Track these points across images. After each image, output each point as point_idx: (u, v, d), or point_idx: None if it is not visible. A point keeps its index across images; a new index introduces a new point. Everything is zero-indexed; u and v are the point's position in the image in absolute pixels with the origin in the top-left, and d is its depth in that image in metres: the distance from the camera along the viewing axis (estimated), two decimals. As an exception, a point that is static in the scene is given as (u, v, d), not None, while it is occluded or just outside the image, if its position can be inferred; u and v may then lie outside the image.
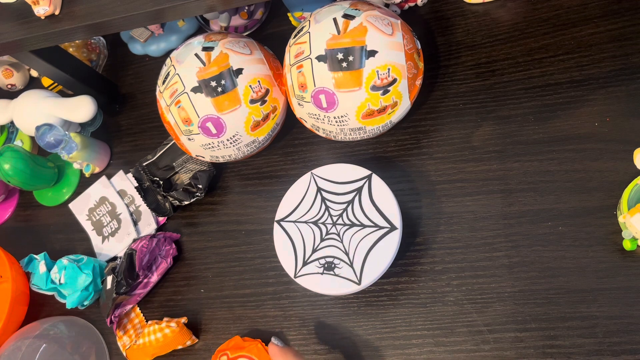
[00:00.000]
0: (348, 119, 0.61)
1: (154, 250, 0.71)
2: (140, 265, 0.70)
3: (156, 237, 0.72)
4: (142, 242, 0.70)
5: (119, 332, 0.70)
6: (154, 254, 0.71)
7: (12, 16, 0.65)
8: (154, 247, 0.71)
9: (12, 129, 0.92)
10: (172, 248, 0.72)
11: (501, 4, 0.70)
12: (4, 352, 0.70)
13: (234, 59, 0.64)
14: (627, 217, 0.54)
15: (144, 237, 0.71)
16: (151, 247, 0.70)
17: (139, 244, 0.70)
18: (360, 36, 0.58)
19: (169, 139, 0.78)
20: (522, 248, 0.59)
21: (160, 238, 0.72)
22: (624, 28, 0.64)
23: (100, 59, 0.91)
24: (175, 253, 0.73)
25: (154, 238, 0.71)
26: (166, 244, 0.72)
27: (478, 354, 0.57)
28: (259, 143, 0.68)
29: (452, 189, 0.64)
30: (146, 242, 0.70)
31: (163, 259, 0.71)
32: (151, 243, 0.71)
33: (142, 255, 0.70)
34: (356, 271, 0.58)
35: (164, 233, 0.73)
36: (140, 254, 0.70)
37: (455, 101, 0.68)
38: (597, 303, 0.55)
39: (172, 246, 0.72)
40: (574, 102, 0.63)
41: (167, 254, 0.72)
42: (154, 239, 0.71)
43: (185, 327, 0.67)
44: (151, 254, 0.71)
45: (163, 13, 0.59)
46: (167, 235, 0.73)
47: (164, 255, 0.72)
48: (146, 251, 0.70)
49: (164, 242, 0.72)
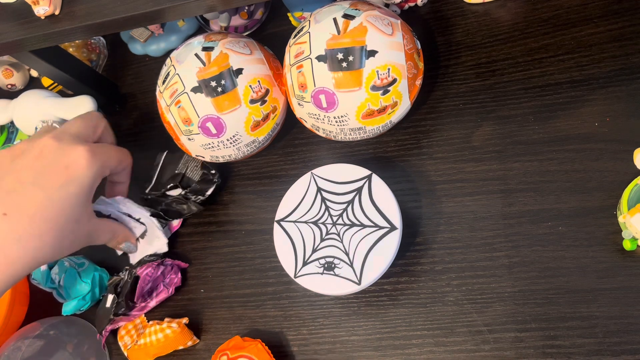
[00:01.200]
0: (348, 119, 0.61)
1: (157, 278, 0.69)
2: (141, 293, 0.68)
3: (164, 264, 0.70)
4: (147, 270, 0.68)
5: (120, 331, 0.70)
6: (157, 282, 0.69)
7: (12, 16, 0.65)
8: (158, 275, 0.69)
9: (12, 129, 0.92)
10: (177, 278, 0.70)
11: (501, 4, 0.70)
12: (4, 352, 0.70)
13: (234, 59, 0.64)
14: (627, 217, 0.55)
15: (151, 264, 0.69)
16: (155, 276, 0.69)
17: (144, 270, 0.68)
18: (360, 36, 0.58)
19: (158, 157, 0.76)
20: (522, 248, 0.59)
21: (167, 266, 0.70)
22: (624, 28, 0.64)
23: (100, 59, 0.91)
24: (179, 283, 0.71)
25: (161, 266, 0.69)
26: (172, 273, 0.70)
27: (478, 354, 0.57)
28: (259, 143, 0.68)
29: (452, 189, 0.64)
30: (151, 270, 0.68)
31: (165, 287, 0.70)
32: (156, 271, 0.69)
33: (144, 284, 0.68)
34: (356, 271, 0.58)
35: (173, 261, 0.71)
36: (143, 283, 0.68)
37: (455, 101, 0.68)
38: (597, 303, 0.55)
39: (178, 276, 0.70)
40: (574, 102, 0.63)
41: (170, 282, 0.70)
42: (160, 267, 0.69)
43: (186, 328, 0.67)
44: (154, 281, 0.69)
45: (163, 13, 0.59)
46: (175, 263, 0.71)
47: (167, 284, 0.70)
48: (149, 280, 0.68)
49: (170, 270, 0.70)
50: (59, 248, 0.57)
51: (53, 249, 0.56)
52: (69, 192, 0.56)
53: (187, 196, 0.72)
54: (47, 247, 0.55)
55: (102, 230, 0.63)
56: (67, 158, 0.57)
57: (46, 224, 0.55)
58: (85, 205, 0.59)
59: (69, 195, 0.56)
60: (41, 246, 0.55)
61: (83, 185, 0.58)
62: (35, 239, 0.54)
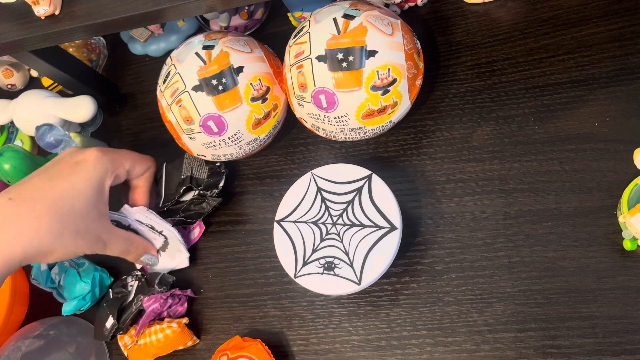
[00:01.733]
0: (348, 119, 0.61)
1: (162, 312, 0.68)
2: (142, 326, 0.67)
3: (172, 296, 0.68)
4: (154, 305, 0.66)
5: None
6: (161, 315, 0.68)
7: (12, 16, 0.65)
8: (164, 310, 0.67)
9: (12, 129, 0.92)
10: (183, 308, 0.69)
11: (501, 4, 0.70)
12: (4, 352, 0.70)
13: (235, 57, 0.64)
14: (627, 217, 0.55)
15: (159, 297, 0.67)
16: (160, 311, 0.67)
17: (150, 304, 0.66)
18: (360, 36, 0.58)
19: (159, 172, 0.74)
20: (522, 248, 0.59)
21: (175, 298, 0.68)
22: (624, 28, 0.64)
23: (100, 59, 0.91)
24: (183, 313, 0.69)
25: (169, 300, 0.67)
26: (178, 305, 0.68)
27: (478, 354, 0.57)
28: (261, 141, 0.68)
29: (452, 189, 0.64)
30: (158, 306, 0.66)
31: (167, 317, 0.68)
32: (163, 306, 0.67)
33: (147, 320, 0.66)
34: (356, 271, 0.58)
35: (182, 292, 0.69)
36: (146, 319, 0.66)
37: (455, 101, 0.68)
38: (597, 303, 0.55)
39: (184, 307, 0.69)
40: (574, 102, 0.63)
41: (174, 313, 0.68)
42: (168, 300, 0.67)
43: (186, 328, 0.67)
44: (157, 316, 0.68)
45: (163, 13, 0.59)
46: (184, 294, 0.69)
47: (170, 315, 0.68)
48: (154, 316, 0.67)
49: (177, 303, 0.68)
50: (60, 236, 0.56)
51: (53, 235, 0.55)
52: (73, 183, 0.58)
53: (202, 194, 0.71)
54: (44, 230, 0.55)
55: (116, 238, 0.62)
56: (79, 156, 0.60)
57: (45, 207, 0.55)
58: (94, 202, 0.59)
59: (73, 186, 0.57)
60: (37, 227, 0.55)
61: (90, 179, 0.59)
62: (32, 220, 0.55)
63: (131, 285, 0.70)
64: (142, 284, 0.69)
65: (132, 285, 0.70)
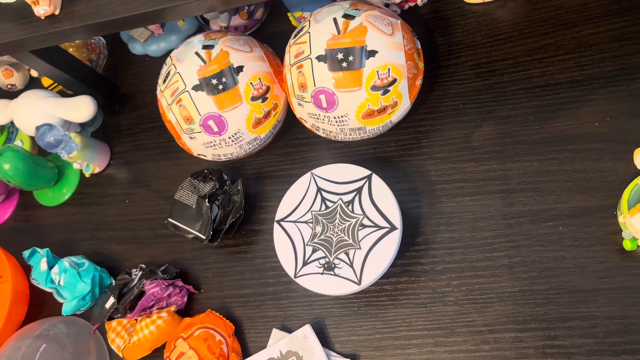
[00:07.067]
0: (348, 119, 0.61)
1: (162, 298, 0.68)
2: (140, 309, 0.67)
3: (174, 286, 0.68)
4: (155, 289, 0.67)
5: (109, 334, 0.69)
6: (160, 301, 0.68)
7: (12, 16, 0.65)
8: (164, 297, 0.68)
9: (12, 129, 0.92)
10: (183, 302, 0.69)
11: (501, 4, 0.70)
12: (4, 352, 0.70)
13: (235, 57, 0.64)
14: (627, 217, 0.55)
15: (161, 282, 0.67)
16: (161, 296, 0.68)
17: (152, 287, 0.67)
18: (361, 36, 0.58)
19: (166, 223, 0.72)
20: (522, 248, 0.59)
21: (177, 288, 0.68)
22: (624, 28, 0.64)
23: (100, 59, 0.91)
24: (182, 307, 0.69)
25: (170, 287, 0.68)
26: (178, 296, 0.69)
27: (478, 354, 0.57)
28: (261, 141, 0.68)
29: (452, 189, 0.64)
30: (159, 290, 0.67)
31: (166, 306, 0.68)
32: (164, 292, 0.67)
33: (147, 302, 0.67)
34: (356, 271, 0.58)
35: (184, 285, 0.69)
36: (146, 302, 0.67)
37: (455, 101, 0.68)
38: (597, 303, 0.55)
39: (184, 300, 0.69)
40: (574, 102, 0.63)
41: (174, 303, 0.69)
42: (169, 287, 0.68)
43: (176, 315, 0.67)
44: (157, 301, 0.68)
45: (163, 13, 0.59)
46: (185, 287, 0.69)
47: (169, 303, 0.69)
48: (153, 300, 0.67)
49: (178, 293, 0.69)
50: None
51: None
52: None
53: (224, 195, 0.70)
54: None
55: None
56: None
57: None
58: None
59: None
60: None
61: None
62: None
63: (135, 273, 0.71)
64: (146, 273, 0.70)
65: (136, 274, 0.70)
